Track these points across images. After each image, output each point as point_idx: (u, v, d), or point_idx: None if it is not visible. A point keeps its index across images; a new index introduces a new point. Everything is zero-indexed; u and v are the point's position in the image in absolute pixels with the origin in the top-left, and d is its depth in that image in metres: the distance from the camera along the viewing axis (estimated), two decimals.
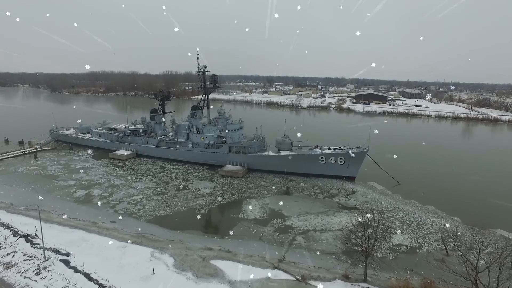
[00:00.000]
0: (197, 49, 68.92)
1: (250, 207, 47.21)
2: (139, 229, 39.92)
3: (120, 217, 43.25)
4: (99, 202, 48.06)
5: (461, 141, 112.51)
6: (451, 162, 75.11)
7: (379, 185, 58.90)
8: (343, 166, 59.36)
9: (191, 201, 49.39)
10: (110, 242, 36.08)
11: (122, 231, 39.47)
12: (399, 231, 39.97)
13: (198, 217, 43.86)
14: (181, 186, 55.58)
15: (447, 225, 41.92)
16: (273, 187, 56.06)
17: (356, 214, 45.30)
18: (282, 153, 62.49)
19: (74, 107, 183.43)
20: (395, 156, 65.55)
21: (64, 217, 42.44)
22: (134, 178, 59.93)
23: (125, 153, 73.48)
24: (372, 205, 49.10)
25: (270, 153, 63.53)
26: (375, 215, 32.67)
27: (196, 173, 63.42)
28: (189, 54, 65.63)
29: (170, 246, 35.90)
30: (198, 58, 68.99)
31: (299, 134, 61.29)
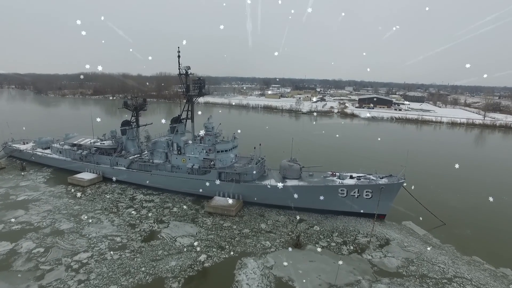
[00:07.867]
0: (179, 46, 53.48)
1: (246, 275, 31.98)
2: None
3: None
4: (20, 269, 32.40)
5: (495, 156, 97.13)
6: (497, 187, 60.50)
7: (419, 227, 44.08)
8: (370, 201, 44.49)
9: (161, 262, 33.98)
10: None
11: None
12: None
13: None
14: (151, 232, 40.22)
15: None
16: (278, 237, 40.89)
17: None
18: (289, 182, 47.30)
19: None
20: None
21: None
22: (90, 217, 44.34)
23: (88, 177, 57.71)
24: (421, 268, 34.23)
25: (273, 182, 48.02)
26: None
27: (174, 209, 47.95)
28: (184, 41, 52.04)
29: None
30: (179, 57, 53.52)
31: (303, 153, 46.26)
